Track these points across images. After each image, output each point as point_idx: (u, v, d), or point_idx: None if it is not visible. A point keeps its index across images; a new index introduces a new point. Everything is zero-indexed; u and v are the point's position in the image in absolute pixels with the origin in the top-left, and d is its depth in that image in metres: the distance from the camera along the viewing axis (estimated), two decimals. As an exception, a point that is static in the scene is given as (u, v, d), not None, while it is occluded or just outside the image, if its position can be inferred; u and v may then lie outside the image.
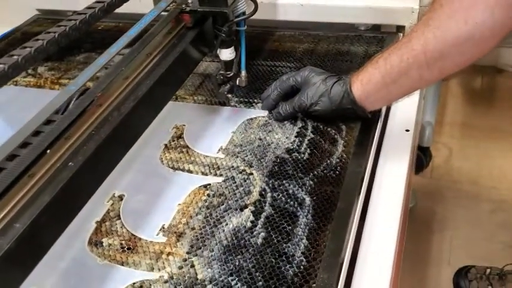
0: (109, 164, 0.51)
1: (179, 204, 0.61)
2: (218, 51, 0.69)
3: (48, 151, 0.46)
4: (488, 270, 1.22)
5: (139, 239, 0.57)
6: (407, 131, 0.74)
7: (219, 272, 0.52)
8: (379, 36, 0.90)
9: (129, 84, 0.55)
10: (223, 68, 0.71)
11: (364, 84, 0.64)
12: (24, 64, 0.46)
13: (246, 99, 0.78)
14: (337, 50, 0.89)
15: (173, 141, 0.71)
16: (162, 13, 0.64)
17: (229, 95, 0.74)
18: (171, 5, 0.63)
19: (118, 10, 0.79)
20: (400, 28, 0.90)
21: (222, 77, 0.71)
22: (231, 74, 0.71)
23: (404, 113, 0.76)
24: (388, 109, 0.77)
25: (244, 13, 0.67)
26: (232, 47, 0.69)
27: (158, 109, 0.59)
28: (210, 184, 0.63)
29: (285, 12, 0.94)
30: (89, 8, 0.54)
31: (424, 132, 1.49)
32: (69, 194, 0.45)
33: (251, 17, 0.68)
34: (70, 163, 0.46)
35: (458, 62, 0.57)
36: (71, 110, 0.50)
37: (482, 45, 0.55)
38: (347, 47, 0.89)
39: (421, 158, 1.49)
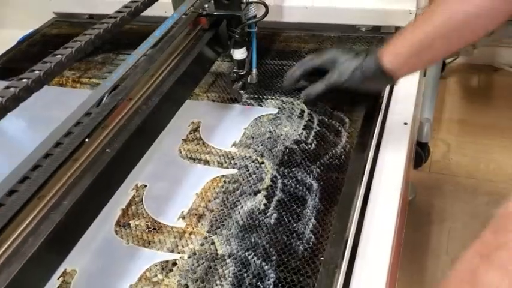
0: (140, 151, 0.57)
1: (197, 191, 0.67)
2: (231, 51, 0.75)
3: (87, 140, 0.53)
4: None
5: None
6: (405, 124, 0.80)
7: (237, 248, 0.59)
8: (379, 37, 0.96)
9: (155, 81, 0.61)
10: (236, 66, 0.77)
11: (394, 56, 0.69)
12: (66, 63, 0.52)
13: (256, 96, 0.84)
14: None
15: (190, 134, 0.78)
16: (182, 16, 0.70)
17: (242, 91, 0.80)
18: (189, 9, 0.70)
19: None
20: (399, 29, 0.96)
21: (235, 75, 0.77)
22: (243, 72, 0.77)
23: (403, 108, 0.82)
24: (388, 104, 0.83)
25: (255, 16, 0.74)
26: (244, 47, 0.75)
27: (180, 104, 0.66)
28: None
29: (290, 15, 1.00)
30: (118, 12, 0.60)
31: (423, 128, 1.55)
32: (106, 176, 0.51)
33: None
34: (107, 149, 0.52)
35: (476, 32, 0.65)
36: (105, 103, 0.56)
37: (490, 22, 0.62)
38: (349, 46, 0.95)
39: (420, 153, 1.55)
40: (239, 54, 0.75)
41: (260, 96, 0.84)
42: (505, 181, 1.51)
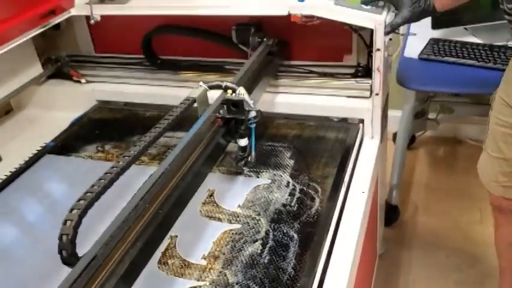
0: (178, 211, 0.87)
1: (214, 240, 0.97)
2: (237, 140, 1.07)
3: (147, 205, 0.82)
4: None
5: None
6: (363, 192, 1.10)
7: (242, 279, 0.87)
8: (346, 126, 1.28)
9: (188, 164, 0.92)
10: (240, 150, 1.08)
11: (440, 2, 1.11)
12: (145, 149, 0.83)
13: (255, 170, 1.15)
14: (316, 135, 1.27)
15: (207, 198, 1.08)
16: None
17: (244, 168, 1.11)
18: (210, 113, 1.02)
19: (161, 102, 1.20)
20: (361, 120, 1.28)
21: (239, 156, 1.08)
22: (246, 155, 1.08)
23: (362, 180, 1.13)
24: (351, 177, 1.13)
25: (254, 117, 1.05)
26: (247, 138, 1.06)
27: (203, 178, 0.97)
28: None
29: (281, 108, 1.33)
30: (165, 119, 0.92)
31: (392, 193, 1.85)
32: (160, 227, 0.81)
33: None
34: (160, 211, 0.82)
35: None
36: (159, 181, 0.86)
37: None
38: (323, 133, 1.27)
39: (390, 213, 1.84)
40: (243, 142, 1.07)
41: (258, 170, 1.15)
42: (461, 238, 1.80)
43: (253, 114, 1.04)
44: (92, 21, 1.30)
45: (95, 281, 0.68)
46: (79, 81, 1.55)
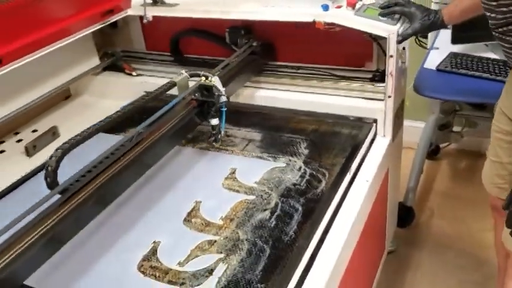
0: (149, 165, 1.12)
1: (231, 206, 1.14)
2: (210, 120, 1.25)
3: (121, 157, 1.02)
4: None
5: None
6: (367, 181, 1.24)
7: (251, 236, 1.04)
8: (360, 124, 1.42)
9: (162, 132, 1.14)
10: (212, 129, 1.27)
11: (449, 16, 1.24)
12: (121, 117, 1.04)
13: (275, 155, 1.31)
14: (332, 130, 1.42)
15: (229, 175, 1.25)
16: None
17: (214, 143, 1.31)
18: (186, 95, 1.22)
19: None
20: (375, 120, 1.42)
21: (210, 134, 1.27)
22: (215, 132, 1.27)
23: (368, 171, 1.27)
24: (359, 167, 1.28)
25: (226, 101, 1.23)
26: (217, 118, 1.25)
27: (174, 145, 1.25)
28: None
29: (304, 106, 1.49)
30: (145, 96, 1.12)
31: (408, 194, 1.97)
32: (131, 172, 1.04)
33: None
34: (131, 166, 1.02)
35: None
36: (134, 139, 1.06)
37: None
38: (339, 129, 1.42)
39: (405, 215, 1.95)
40: (214, 121, 1.26)
41: (275, 156, 1.31)
42: (470, 242, 1.88)
43: (223, 99, 1.22)
44: (145, 21, 1.52)
45: (71, 201, 0.92)
46: (130, 74, 1.77)
